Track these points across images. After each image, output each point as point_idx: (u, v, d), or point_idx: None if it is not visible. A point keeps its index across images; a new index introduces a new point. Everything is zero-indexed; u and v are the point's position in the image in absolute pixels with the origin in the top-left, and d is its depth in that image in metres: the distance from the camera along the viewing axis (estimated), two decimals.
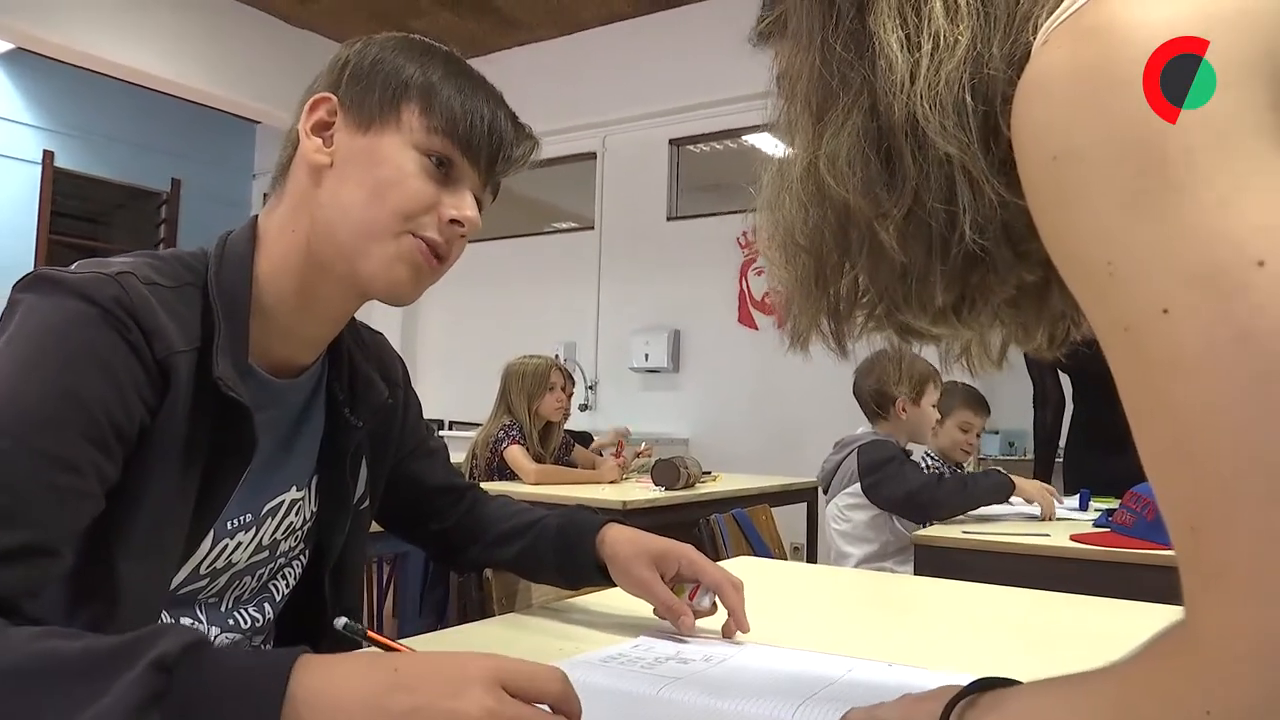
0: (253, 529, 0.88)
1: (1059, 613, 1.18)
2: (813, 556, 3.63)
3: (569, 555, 1.03)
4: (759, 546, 2.38)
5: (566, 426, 3.65)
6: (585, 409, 5.71)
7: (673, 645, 0.90)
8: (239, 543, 0.87)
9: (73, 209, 6.77)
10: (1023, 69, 0.44)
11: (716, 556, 2.07)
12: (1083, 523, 2.29)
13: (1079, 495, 2.72)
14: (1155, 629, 0.42)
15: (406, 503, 1.09)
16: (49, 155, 6.45)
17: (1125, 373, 0.40)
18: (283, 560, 0.94)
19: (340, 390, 0.94)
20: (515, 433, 3.31)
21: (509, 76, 1.17)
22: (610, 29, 5.92)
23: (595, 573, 1.01)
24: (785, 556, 2.57)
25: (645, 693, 0.74)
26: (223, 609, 0.89)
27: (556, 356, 4.55)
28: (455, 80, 0.84)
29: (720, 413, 5.40)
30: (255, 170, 7.50)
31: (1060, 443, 3.50)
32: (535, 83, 5.61)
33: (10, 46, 5.36)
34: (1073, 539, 2.02)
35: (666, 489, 3.05)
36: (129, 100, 6.40)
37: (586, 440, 4.00)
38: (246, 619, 0.91)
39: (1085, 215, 0.40)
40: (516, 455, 3.22)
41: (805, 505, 3.64)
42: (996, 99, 0.46)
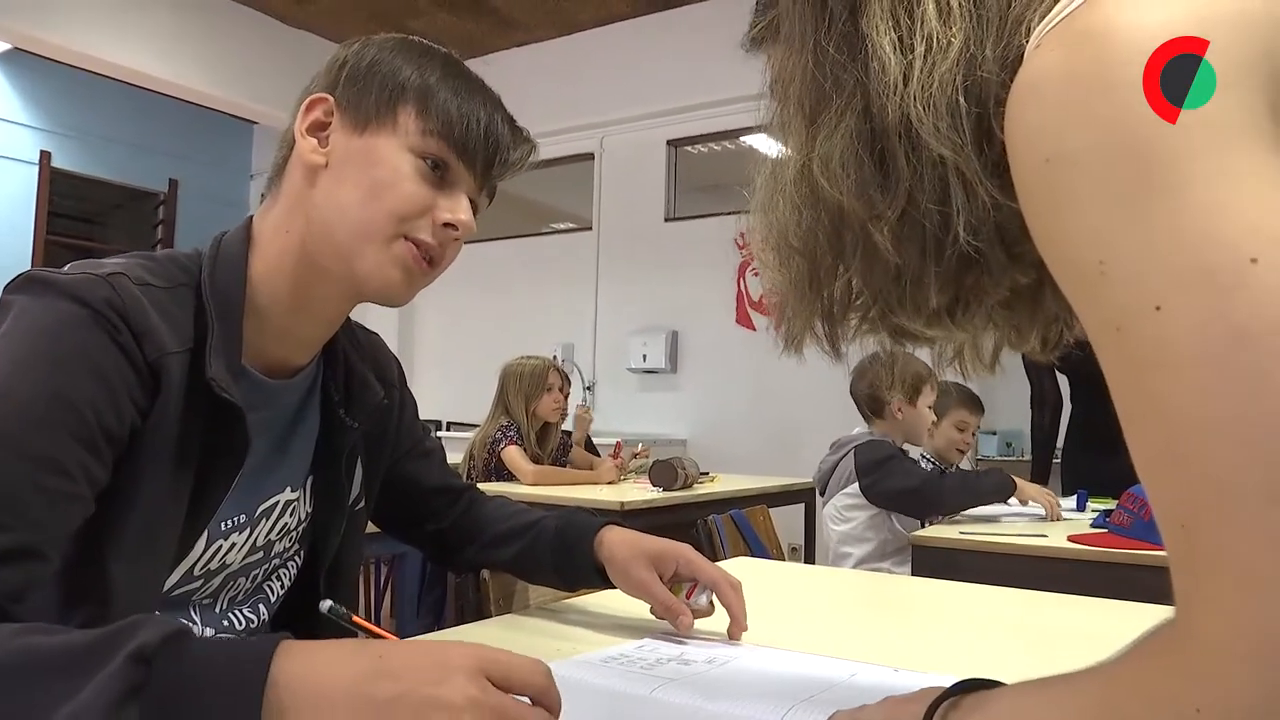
0: (247, 530, 0.87)
1: (1056, 613, 1.18)
2: (810, 557, 3.63)
3: (567, 557, 1.03)
4: (757, 547, 2.37)
5: (564, 427, 3.65)
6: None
7: (676, 647, 0.90)
8: (233, 544, 0.86)
9: (70, 209, 6.77)
10: (1016, 72, 0.44)
11: (714, 557, 2.06)
12: (1080, 523, 2.30)
13: (1076, 496, 2.72)
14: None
15: (403, 503, 1.09)
16: (46, 156, 6.45)
17: (1117, 372, 0.40)
18: (277, 561, 0.94)
19: (335, 391, 0.94)
20: (513, 433, 3.31)
21: (507, 77, 1.17)
22: (608, 29, 5.92)
23: (593, 574, 1.01)
24: (783, 557, 2.57)
25: (638, 693, 0.74)
26: (217, 610, 0.89)
27: (554, 357, 4.55)
28: (452, 83, 0.84)
29: (718, 413, 5.40)
30: (253, 171, 7.49)
31: (1058, 444, 3.50)
32: (533, 83, 5.62)
33: (7, 47, 5.36)
34: (1070, 540, 2.03)
35: (664, 490, 3.05)
36: (126, 101, 6.39)
37: (585, 441, 4.00)
38: (241, 620, 0.91)
39: (1078, 216, 0.40)
40: (514, 456, 3.23)
41: (803, 506, 3.64)
42: (990, 101, 0.46)
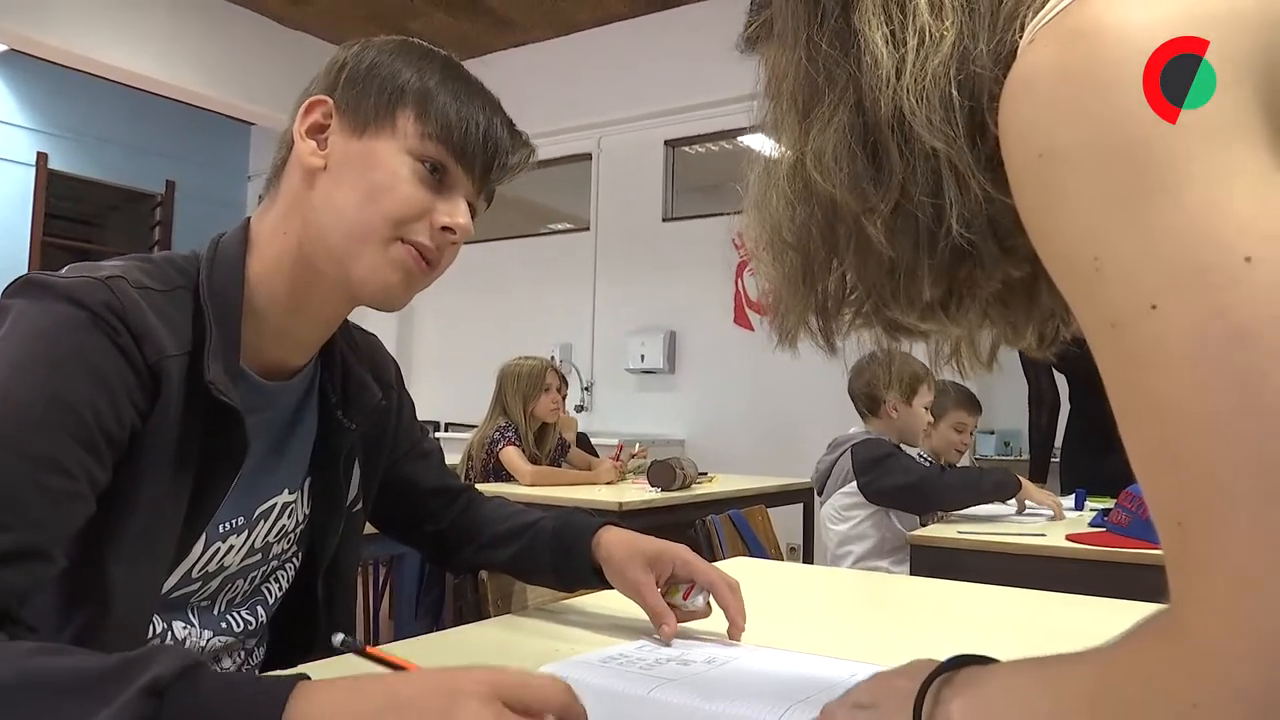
0: (245, 532, 0.87)
1: (1055, 612, 1.18)
2: (809, 557, 3.63)
3: (565, 557, 1.03)
4: (755, 547, 2.37)
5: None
6: (581, 410, 5.70)
7: (675, 647, 0.90)
8: (231, 546, 0.86)
9: (67, 211, 6.76)
10: (1009, 67, 0.44)
11: (713, 557, 2.06)
12: (1078, 522, 2.30)
13: (1075, 495, 2.73)
14: None
15: (401, 504, 1.09)
16: (43, 157, 6.44)
17: (1112, 369, 0.40)
18: (275, 563, 0.94)
19: (333, 392, 0.94)
20: (511, 434, 3.31)
21: (504, 77, 1.17)
22: (605, 30, 5.92)
23: (591, 575, 1.01)
24: (781, 557, 2.57)
25: (636, 693, 0.74)
26: (215, 612, 0.89)
27: (552, 358, 4.55)
28: (452, 86, 0.84)
29: (716, 413, 5.39)
30: (250, 172, 7.49)
31: (1056, 443, 3.51)
32: (530, 84, 5.61)
33: (4, 48, 5.35)
34: (1068, 539, 2.03)
35: (662, 490, 3.04)
36: (123, 102, 6.39)
37: (583, 442, 4.00)
38: (239, 622, 0.91)
39: (1072, 213, 0.40)
40: (512, 457, 3.23)
41: (801, 506, 3.63)
42: (983, 96, 0.47)
